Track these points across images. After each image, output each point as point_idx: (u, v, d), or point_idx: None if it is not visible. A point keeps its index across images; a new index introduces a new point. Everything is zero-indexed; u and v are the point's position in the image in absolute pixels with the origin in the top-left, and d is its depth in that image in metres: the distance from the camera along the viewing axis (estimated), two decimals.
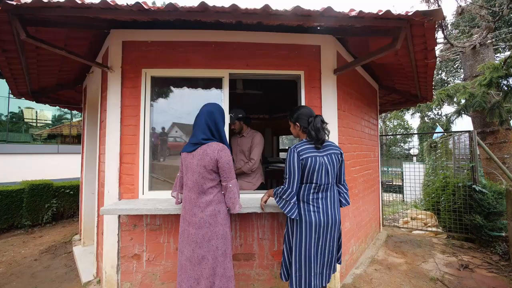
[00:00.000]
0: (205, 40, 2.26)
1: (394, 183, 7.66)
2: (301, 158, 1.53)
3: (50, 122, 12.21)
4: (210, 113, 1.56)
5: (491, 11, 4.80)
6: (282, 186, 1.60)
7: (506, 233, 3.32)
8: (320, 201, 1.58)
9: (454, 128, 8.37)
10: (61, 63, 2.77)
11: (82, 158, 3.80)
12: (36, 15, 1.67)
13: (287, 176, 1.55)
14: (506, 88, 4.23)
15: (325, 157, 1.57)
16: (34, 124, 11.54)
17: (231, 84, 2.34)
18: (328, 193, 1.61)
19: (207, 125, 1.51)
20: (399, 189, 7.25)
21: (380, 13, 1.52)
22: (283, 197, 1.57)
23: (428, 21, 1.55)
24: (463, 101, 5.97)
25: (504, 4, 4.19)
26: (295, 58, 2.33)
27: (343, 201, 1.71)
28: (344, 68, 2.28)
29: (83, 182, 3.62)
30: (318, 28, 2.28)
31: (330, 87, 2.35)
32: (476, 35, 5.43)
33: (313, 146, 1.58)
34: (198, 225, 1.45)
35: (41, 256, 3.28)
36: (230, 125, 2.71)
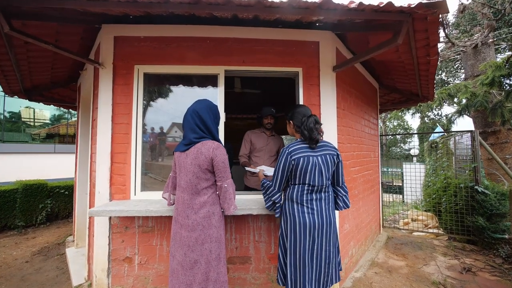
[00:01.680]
0: (200, 35, 2.18)
1: (394, 184, 7.58)
2: (292, 158, 1.51)
3: (48, 121, 12.15)
4: (195, 111, 1.47)
5: (493, 9, 4.73)
6: (269, 182, 1.63)
7: (509, 235, 3.25)
8: (314, 203, 1.52)
9: (454, 128, 8.30)
10: (53, 60, 2.70)
11: (76, 157, 3.72)
12: (21, 7, 1.60)
13: (274, 175, 1.59)
14: (508, 88, 4.15)
15: (319, 157, 1.52)
16: (32, 124, 11.48)
17: (229, 83, 2.28)
18: (323, 194, 1.56)
19: (195, 124, 1.43)
20: (399, 190, 7.18)
21: (381, 5, 1.45)
22: (267, 193, 1.61)
23: (431, 14, 1.48)
24: (464, 101, 5.90)
25: (506, 2, 4.12)
26: (293, 55, 2.26)
27: (341, 204, 1.65)
28: (344, 65, 2.21)
29: (77, 182, 3.54)
30: (317, 24, 2.20)
31: (329, 84, 2.27)
32: (477, 34, 5.36)
33: (307, 145, 1.53)
34: (191, 227, 1.38)
35: (33, 258, 3.20)
36: (268, 117, 2.67)
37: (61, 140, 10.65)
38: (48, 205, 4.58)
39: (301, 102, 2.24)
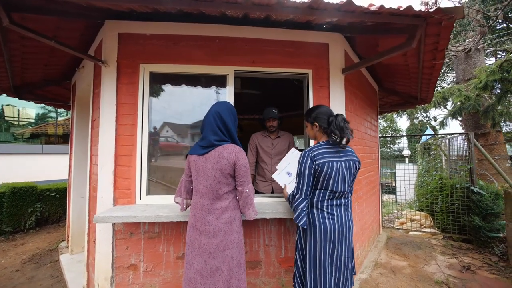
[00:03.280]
0: (208, 34, 2.12)
1: (392, 185, 7.73)
2: (316, 163, 1.44)
3: (33, 120, 11.60)
4: (217, 112, 1.42)
5: (485, 15, 4.94)
6: (293, 191, 1.52)
7: (503, 234, 3.37)
8: (335, 208, 1.49)
9: (443, 130, 8.58)
10: (48, 57, 2.55)
11: (70, 159, 3.55)
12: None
13: (297, 182, 1.48)
14: (499, 92, 4.32)
15: (343, 163, 1.48)
16: (16, 123, 10.93)
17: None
18: (343, 200, 1.53)
19: (217, 126, 1.38)
20: (393, 190, 7.34)
21: (400, 9, 1.45)
22: (294, 204, 1.49)
23: (448, 19, 1.50)
24: (455, 103, 6.10)
25: (498, 9, 4.31)
26: (303, 56, 2.24)
27: None
28: (354, 67, 2.21)
29: (71, 185, 3.37)
30: (324, 26, 2.19)
31: (338, 87, 2.27)
32: (469, 39, 5.57)
33: (331, 150, 1.48)
34: (212, 233, 1.32)
35: (23, 266, 3.02)
36: (270, 120, 2.56)
37: (47, 140, 10.18)
38: (37, 209, 4.35)
39: (311, 104, 2.22)
